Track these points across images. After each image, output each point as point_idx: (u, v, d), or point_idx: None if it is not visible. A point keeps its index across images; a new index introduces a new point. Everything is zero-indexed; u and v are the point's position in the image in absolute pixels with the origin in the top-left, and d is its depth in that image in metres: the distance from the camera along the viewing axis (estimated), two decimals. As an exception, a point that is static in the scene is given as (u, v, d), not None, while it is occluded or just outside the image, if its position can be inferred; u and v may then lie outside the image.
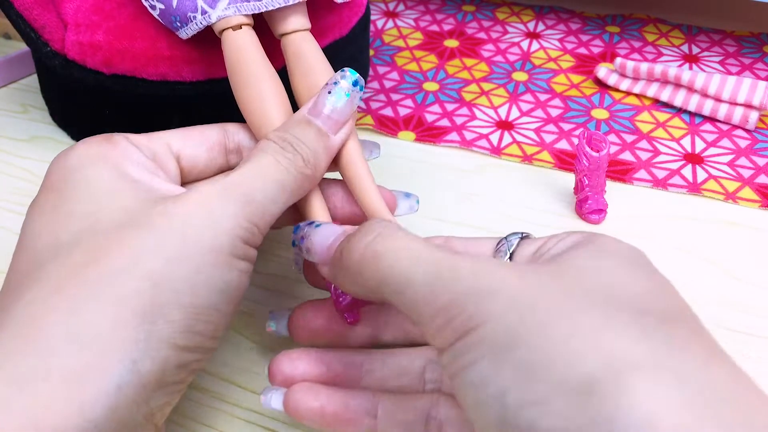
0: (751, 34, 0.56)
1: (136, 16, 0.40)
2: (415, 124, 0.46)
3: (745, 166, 0.43)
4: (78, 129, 0.45)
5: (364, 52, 0.49)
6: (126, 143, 0.27)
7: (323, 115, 0.29)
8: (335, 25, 0.42)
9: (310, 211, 0.30)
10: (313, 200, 0.31)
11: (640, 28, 0.57)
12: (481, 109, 0.48)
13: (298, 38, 0.34)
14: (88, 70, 0.40)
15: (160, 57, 0.39)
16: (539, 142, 0.45)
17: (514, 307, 0.20)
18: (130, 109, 0.41)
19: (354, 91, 0.30)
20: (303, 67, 0.33)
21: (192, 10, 0.35)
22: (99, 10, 0.40)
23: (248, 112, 0.32)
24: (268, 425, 0.29)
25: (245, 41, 0.33)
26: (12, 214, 0.40)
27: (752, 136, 0.45)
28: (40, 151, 0.44)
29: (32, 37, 0.40)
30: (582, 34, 0.57)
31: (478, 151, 0.44)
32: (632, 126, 0.46)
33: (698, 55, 0.53)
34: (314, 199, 0.31)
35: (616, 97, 0.49)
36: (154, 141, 0.29)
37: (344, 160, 0.31)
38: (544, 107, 0.48)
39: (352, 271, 0.24)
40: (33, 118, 0.47)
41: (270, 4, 0.34)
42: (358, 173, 0.31)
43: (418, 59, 0.53)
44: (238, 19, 0.34)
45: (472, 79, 0.51)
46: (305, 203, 0.30)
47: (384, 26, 0.58)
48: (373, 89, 0.50)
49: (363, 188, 0.31)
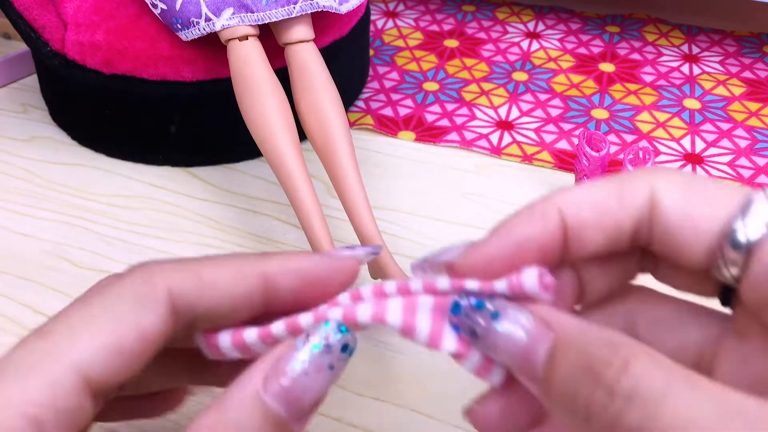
0: (751, 34, 0.56)
1: (136, 16, 0.40)
2: (415, 124, 0.46)
3: (745, 166, 0.43)
4: (78, 129, 0.45)
5: (364, 52, 0.49)
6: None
7: (283, 390, 0.18)
8: (335, 25, 0.42)
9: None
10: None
11: (640, 28, 0.57)
12: (481, 109, 0.48)
13: (302, 50, 0.34)
14: (88, 70, 0.40)
15: (160, 57, 0.39)
16: (539, 142, 0.45)
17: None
18: (130, 109, 0.41)
19: (340, 360, 0.19)
20: (305, 81, 0.33)
21: (196, 15, 0.35)
22: (99, 10, 0.40)
23: (252, 124, 0.32)
24: (268, 425, 0.29)
25: (251, 53, 0.34)
26: (12, 214, 0.40)
27: (752, 136, 0.45)
28: (40, 151, 0.44)
29: (32, 36, 0.40)
30: (582, 34, 0.57)
31: (478, 151, 0.44)
32: (632, 126, 0.46)
33: (698, 55, 0.53)
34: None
35: (616, 97, 0.49)
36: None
37: (339, 176, 0.31)
38: (544, 107, 0.48)
39: (578, 421, 0.17)
40: (33, 118, 0.47)
41: (273, 15, 0.34)
42: (352, 193, 0.31)
43: (418, 59, 0.53)
44: (244, 30, 0.34)
45: (472, 79, 0.51)
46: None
47: (384, 26, 0.58)
48: (373, 89, 0.50)
49: (358, 212, 0.30)
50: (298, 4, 0.35)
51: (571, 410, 0.17)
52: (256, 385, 0.18)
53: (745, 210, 0.19)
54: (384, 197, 0.40)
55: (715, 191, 0.19)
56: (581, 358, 0.17)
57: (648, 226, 0.20)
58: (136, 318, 0.19)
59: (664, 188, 0.20)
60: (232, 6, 0.34)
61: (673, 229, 0.19)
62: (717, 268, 0.19)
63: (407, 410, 0.30)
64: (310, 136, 0.33)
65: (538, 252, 0.20)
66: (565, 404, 0.17)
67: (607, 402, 0.16)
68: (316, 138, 0.33)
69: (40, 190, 0.41)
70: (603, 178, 0.20)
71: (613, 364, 0.17)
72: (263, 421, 0.18)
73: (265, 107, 0.32)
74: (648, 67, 0.52)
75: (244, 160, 0.43)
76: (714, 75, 0.51)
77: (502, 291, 0.19)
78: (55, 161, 0.43)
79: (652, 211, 0.20)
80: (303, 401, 0.19)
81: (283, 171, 0.31)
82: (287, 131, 0.32)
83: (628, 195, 0.20)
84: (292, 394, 0.18)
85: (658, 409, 0.16)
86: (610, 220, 0.20)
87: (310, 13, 0.35)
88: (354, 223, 0.31)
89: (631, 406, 0.16)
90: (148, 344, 0.19)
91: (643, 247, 0.21)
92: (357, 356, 0.31)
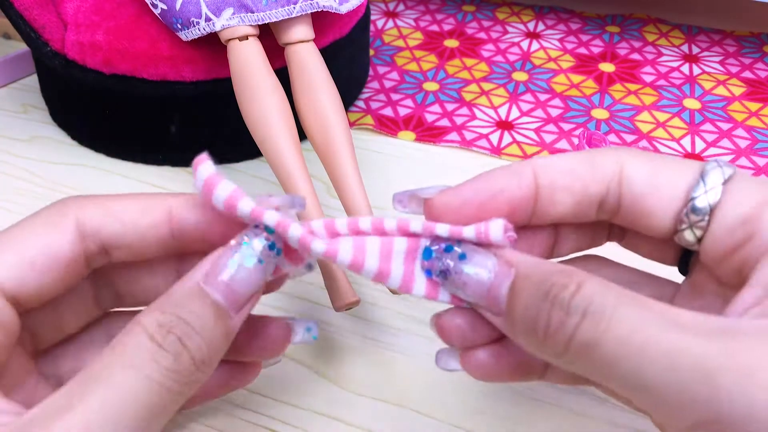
0: (751, 34, 0.56)
1: (136, 16, 0.40)
2: (415, 124, 0.46)
3: (745, 166, 0.43)
4: (78, 129, 0.45)
5: (363, 52, 0.49)
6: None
7: (223, 283, 0.21)
8: (335, 25, 0.42)
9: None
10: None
11: (640, 28, 0.57)
12: (481, 109, 0.48)
13: (302, 50, 0.34)
14: (88, 70, 0.40)
15: (160, 57, 0.39)
16: (539, 142, 0.45)
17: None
18: (130, 109, 0.41)
19: (269, 257, 0.22)
20: (305, 81, 0.33)
21: (196, 15, 0.35)
22: (99, 10, 0.40)
23: (252, 124, 0.32)
24: (268, 425, 0.29)
25: (251, 53, 0.34)
26: (11, 214, 0.40)
27: (752, 136, 0.45)
28: (40, 151, 0.44)
29: (32, 36, 0.40)
30: (582, 34, 0.57)
31: (478, 151, 0.44)
32: (632, 126, 0.46)
33: (698, 55, 0.53)
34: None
35: (616, 97, 0.49)
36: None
37: (339, 176, 0.31)
38: (544, 107, 0.48)
39: (548, 351, 0.19)
40: (33, 118, 0.47)
41: (274, 15, 0.34)
42: (352, 193, 0.31)
43: (418, 59, 0.53)
44: (244, 30, 0.34)
45: (472, 79, 0.51)
46: None
47: (384, 26, 0.58)
48: (373, 89, 0.50)
49: (358, 212, 0.30)
50: (298, 4, 0.35)
51: (532, 333, 0.19)
52: (198, 278, 0.21)
53: (704, 178, 0.21)
54: (384, 197, 0.40)
55: (675, 164, 0.22)
56: (540, 287, 0.19)
57: (616, 195, 0.22)
58: (44, 237, 0.22)
59: (631, 161, 0.22)
60: (232, 6, 0.35)
61: (640, 197, 0.22)
62: (680, 232, 0.22)
63: (407, 410, 0.30)
64: (310, 136, 0.33)
65: (508, 205, 0.22)
66: (526, 330, 0.20)
67: (564, 319, 0.18)
68: (316, 138, 0.33)
69: (40, 190, 0.41)
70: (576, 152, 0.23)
71: (568, 286, 0.19)
72: (203, 305, 0.20)
73: (265, 107, 0.32)
74: (648, 67, 0.52)
75: (244, 160, 0.43)
76: (714, 75, 0.51)
77: (469, 237, 0.21)
78: (55, 161, 0.43)
79: (621, 181, 0.22)
80: (238, 293, 0.21)
81: (283, 171, 0.31)
82: (287, 131, 0.32)
83: (599, 165, 0.22)
84: (229, 286, 0.21)
85: (609, 322, 0.18)
86: (579, 184, 0.22)
87: (310, 13, 0.35)
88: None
89: (584, 321, 0.18)
90: (57, 260, 0.22)
91: (609, 218, 0.23)
92: (357, 356, 0.32)
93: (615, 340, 0.18)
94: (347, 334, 0.33)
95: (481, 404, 0.30)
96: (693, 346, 0.17)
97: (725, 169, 0.21)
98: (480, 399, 0.30)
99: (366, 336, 0.33)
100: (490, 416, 0.29)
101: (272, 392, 0.30)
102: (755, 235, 0.20)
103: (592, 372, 0.19)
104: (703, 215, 0.21)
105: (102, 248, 0.23)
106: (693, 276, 0.24)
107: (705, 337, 0.17)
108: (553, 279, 0.19)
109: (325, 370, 0.31)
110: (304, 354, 0.32)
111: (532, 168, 0.22)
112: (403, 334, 0.33)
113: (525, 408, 0.29)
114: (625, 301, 0.18)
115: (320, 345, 0.33)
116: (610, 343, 0.18)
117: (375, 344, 0.33)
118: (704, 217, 0.21)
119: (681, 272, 0.24)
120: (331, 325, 0.33)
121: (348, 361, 0.32)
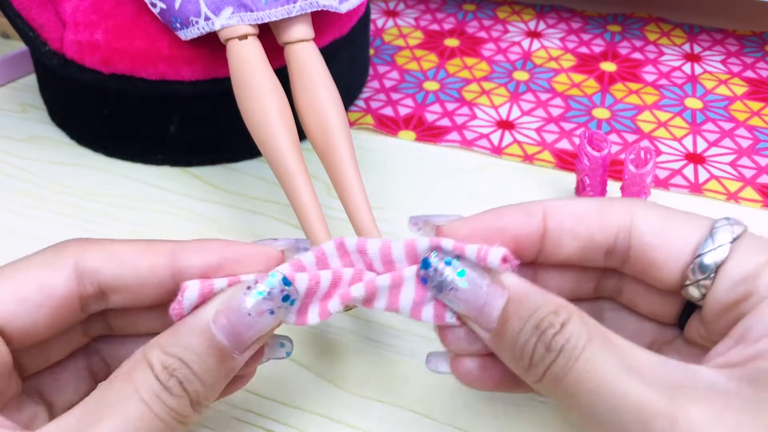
0: (753, 33, 0.56)
1: (135, 16, 0.39)
2: (415, 124, 0.46)
3: (747, 166, 0.42)
4: (76, 128, 0.45)
5: (364, 52, 0.49)
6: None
7: (230, 326, 0.22)
8: (335, 24, 0.42)
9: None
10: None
11: (641, 27, 0.57)
12: (481, 109, 0.48)
13: (302, 49, 0.34)
14: (86, 70, 0.40)
15: (159, 56, 0.39)
16: (540, 142, 0.45)
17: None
18: (128, 108, 0.41)
19: (282, 308, 0.22)
20: (305, 80, 0.33)
21: (195, 14, 0.35)
22: (98, 9, 0.40)
23: (252, 124, 0.32)
24: (265, 425, 0.29)
25: (251, 52, 0.33)
26: (10, 214, 0.40)
27: (754, 136, 0.45)
28: (39, 151, 0.44)
29: (31, 36, 0.40)
30: (583, 33, 0.56)
31: (478, 150, 0.44)
32: (634, 125, 0.46)
33: (700, 54, 0.53)
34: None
35: (617, 96, 0.49)
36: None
37: (339, 176, 0.31)
38: (545, 107, 0.48)
39: (528, 377, 0.21)
40: (31, 117, 0.47)
41: (273, 14, 0.34)
42: (352, 193, 0.31)
43: (418, 58, 0.53)
44: (243, 29, 0.34)
45: (473, 78, 0.51)
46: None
47: (384, 25, 0.58)
48: (373, 89, 0.50)
49: (358, 212, 0.30)
50: (298, 3, 0.34)
51: (518, 358, 0.21)
52: (208, 316, 0.21)
53: (713, 235, 0.22)
54: (384, 197, 0.40)
55: (686, 219, 0.23)
56: (531, 318, 0.21)
57: (625, 244, 0.23)
58: (39, 276, 0.22)
59: (642, 213, 0.23)
60: (231, 5, 0.34)
61: (650, 249, 0.23)
62: (686, 286, 0.22)
63: (407, 410, 0.30)
64: (310, 136, 0.33)
65: (515, 241, 0.23)
66: (513, 353, 0.21)
67: (545, 355, 0.20)
68: (316, 138, 0.32)
69: (39, 190, 0.41)
70: (591, 196, 0.24)
71: (554, 325, 0.20)
72: (207, 346, 0.21)
73: (264, 107, 0.32)
74: (649, 67, 0.52)
75: (244, 160, 0.43)
76: (716, 74, 0.51)
77: (470, 255, 0.22)
78: (54, 161, 0.43)
79: (631, 231, 0.23)
80: (244, 336, 0.22)
81: (283, 171, 0.31)
82: (287, 131, 0.31)
83: (609, 214, 0.23)
84: (235, 329, 0.21)
85: (576, 361, 0.20)
86: (585, 230, 0.23)
87: (309, 12, 0.35)
88: (354, 223, 0.31)
89: (559, 357, 0.20)
90: (51, 297, 0.22)
91: (619, 267, 0.24)
92: (357, 356, 0.31)
93: (576, 376, 0.20)
94: (347, 335, 0.33)
95: (481, 405, 0.30)
96: (638, 391, 0.19)
97: (734, 228, 0.22)
98: (480, 400, 0.30)
99: (366, 337, 0.33)
100: (490, 417, 0.29)
101: (271, 393, 0.30)
102: (752, 292, 0.21)
103: (561, 402, 0.21)
104: (709, 273, 0.22)
105: (100, 290, 0.23)
106: (689, 327, 0.24)
107: (650, 384, 0.19)
108: (542, 313, 0.21)
109: (324, 371, 0.31)
110: (303, 355, 0.32)
111: (543, 209, 0.24)
112: (403, 335, 0.33)
113: (525, 409, 0.29)
114: (595, 341, 0.20)
115: (320, 345, 0.32)
116: (571, 378, 0.20)
117: (375, 345, 0.32)
118: (710, 274, 0.22)
119: (680, 327, 0.25)
120: (330, 326, 0.33)
121: (348, 362, 0.32)
